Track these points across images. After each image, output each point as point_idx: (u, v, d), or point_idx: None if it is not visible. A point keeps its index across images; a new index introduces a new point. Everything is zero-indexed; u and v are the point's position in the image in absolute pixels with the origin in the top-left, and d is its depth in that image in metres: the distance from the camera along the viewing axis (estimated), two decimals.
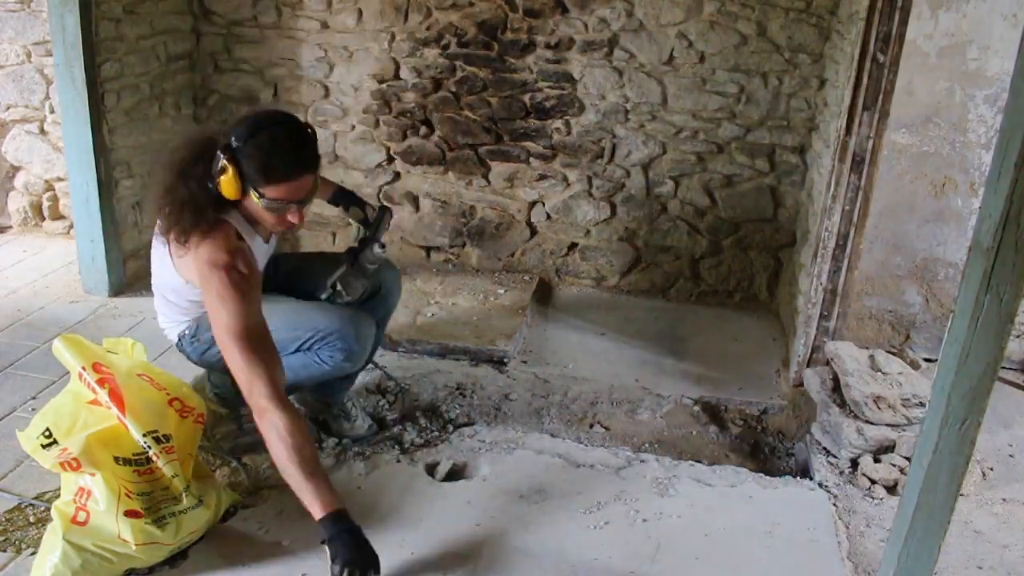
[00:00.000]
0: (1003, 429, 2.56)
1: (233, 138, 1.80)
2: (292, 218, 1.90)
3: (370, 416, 2.44)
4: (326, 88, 3.52)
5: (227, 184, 1.82)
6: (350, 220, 2.35)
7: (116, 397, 1.84)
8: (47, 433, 1.78)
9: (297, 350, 2.08)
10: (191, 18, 3.46)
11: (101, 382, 1.85)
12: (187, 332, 2.15)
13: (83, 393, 1.88)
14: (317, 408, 2.37)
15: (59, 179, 3.73)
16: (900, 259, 2.92)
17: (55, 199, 3.79)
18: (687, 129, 3.27)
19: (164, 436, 1.85)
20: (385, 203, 2.28)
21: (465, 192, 3.53)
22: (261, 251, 2.06)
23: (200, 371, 2.39)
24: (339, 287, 2.17)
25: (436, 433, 2.42)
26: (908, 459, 2.21)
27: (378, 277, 2.28)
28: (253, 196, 1.83)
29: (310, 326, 2.06)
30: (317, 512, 1.71)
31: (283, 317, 2.04)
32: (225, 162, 1.80)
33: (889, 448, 2.27)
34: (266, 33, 3.47)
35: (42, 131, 3.68)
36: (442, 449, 2.32)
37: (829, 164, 2.63)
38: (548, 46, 3.25)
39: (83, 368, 1.88)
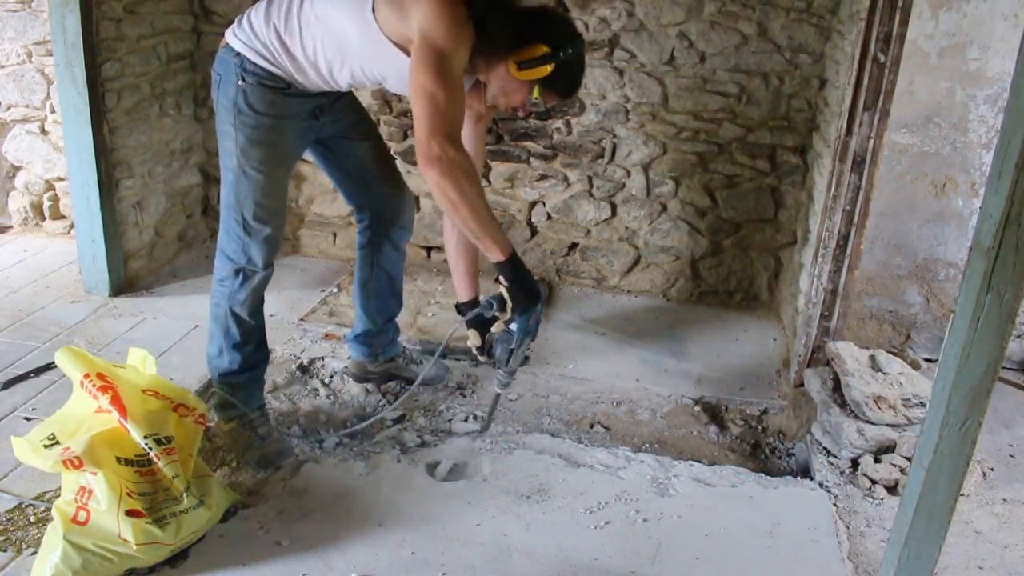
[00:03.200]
0: (1004, 429, 2.56)
1: (560, 39, 1.92)
2: (520, 110, 2.05)
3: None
4: None
5: (532, 74, 1.92)
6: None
7: (118, 403, 1.84)
8: (51, 436, 1.79)
9: (227, 217, 2.13)
10: (192, 18, 3.46)
11: (103, 389, 1.85)
12: (247, 79, 1.99)
13: (88, 403, 1.88)
14: (384, 371, 2.63)
15: (60, 179, 3.73)
16: (901, 259, 2.92)
17: (56, 199, 3.79)
18: (688, 129, 3.27)
19: (165, 438, 1.85)
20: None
21: None
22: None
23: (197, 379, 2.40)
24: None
25: (436, 433, 2.42)
26: (909, 459, 2.21)
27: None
28: (536, 90, 1.95)
29: (260, 195, 2.08)
30: (497, 256, 1.92)
31: (268, 173, 2.07)
32: (550, 60, 1.90)
33: (890, 448, 2.27)
34: None
35: (43, 131, 3.68)
36: (442, 449, 2.32)
37: (830, 164, 2.63)
38: None
39: (85, 376, 1.87)
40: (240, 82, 2.00)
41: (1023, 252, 1.24)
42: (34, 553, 1.80)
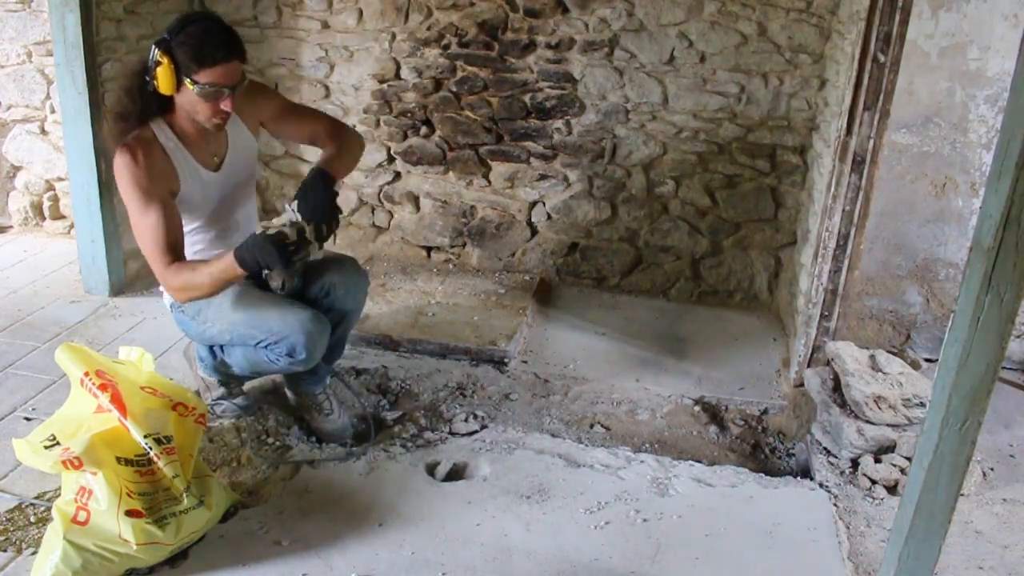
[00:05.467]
0: (1003, 429, 2.56)
1: (165, 33, 1.97)
2: (225, 105, 2.01)
3: (367, 419, 2.43)
4: (327, 88, 3.52)
5: (163, 75, 1.96)
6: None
7: (117, 402, 1.84)
8: (51, 437, 1.79)
9: (255, 345, 2.17)
10: None
11: (103, 387, 1.86)
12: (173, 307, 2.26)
13: (87, 402, 1.89)
14: (297, 402, 2.43)
15: (60, 179, 3.73)
16: (901, 259, 2.92)
17: (56, 199, 3.79)
18: (688, 129, 3.27)
19: (165, 437, 1.85)
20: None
21: (466, 192, 3.53)
22: (207, 179, 2.17)
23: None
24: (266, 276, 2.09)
25: (436, 433, 2.42)
26: (909, 459, 2.21)
27: (324, 279, 2.24)
28: (188, 85, 1.96)
29: (265, 328, 2.12)
30: (231, 263, 1.92)
31: (246, 312, 2.15)
32: (160, 55, 1.95)
33: (890, 448, 2.27)
34: (266, 33, 3.47)
35: (43, 131, 3.68)
36: (442, 449, 2.32)
37: (830, 164, 2.63)
38: (549, 46, 3.26)
39: (85, 374, 1.88)
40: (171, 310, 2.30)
41: (1023, 252, 1.24)
42: (34, 553, 1.80)
